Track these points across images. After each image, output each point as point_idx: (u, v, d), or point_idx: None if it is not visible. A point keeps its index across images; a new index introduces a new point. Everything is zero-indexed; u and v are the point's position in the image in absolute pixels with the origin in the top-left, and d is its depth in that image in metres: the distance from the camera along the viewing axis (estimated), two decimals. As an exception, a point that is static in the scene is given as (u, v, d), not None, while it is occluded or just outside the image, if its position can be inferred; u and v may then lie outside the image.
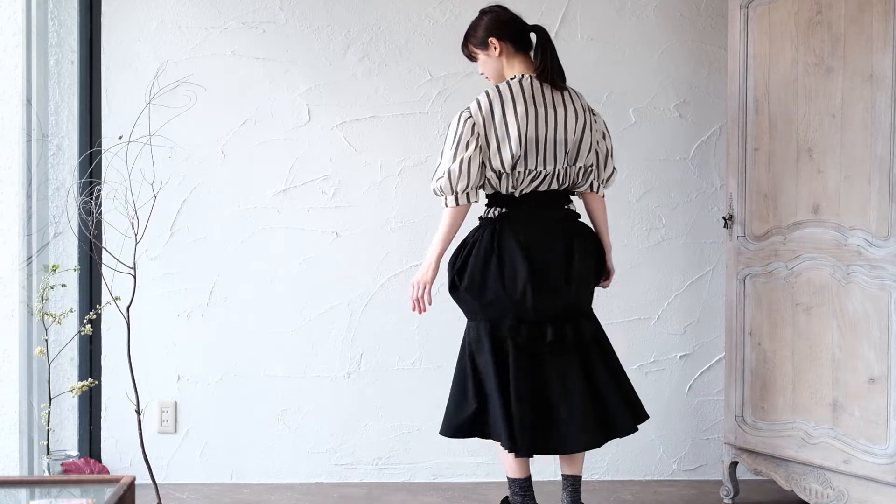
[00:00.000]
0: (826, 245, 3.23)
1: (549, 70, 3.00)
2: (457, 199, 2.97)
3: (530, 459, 3.07)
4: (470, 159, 2.93)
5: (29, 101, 3.54)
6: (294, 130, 3.80)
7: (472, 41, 3.09)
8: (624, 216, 3.85)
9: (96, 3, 3.75)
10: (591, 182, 3.10)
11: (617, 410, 3.02)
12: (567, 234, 3.03)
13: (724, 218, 3.54)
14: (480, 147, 2.95)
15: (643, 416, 3.11)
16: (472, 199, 3.00)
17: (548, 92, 3.00)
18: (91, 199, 3.36)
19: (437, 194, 3.01)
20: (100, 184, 3.48)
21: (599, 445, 3.04)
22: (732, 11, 3.51)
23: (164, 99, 3.60)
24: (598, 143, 3.08)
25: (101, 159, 3.62)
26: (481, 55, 3.08)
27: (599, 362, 3.05)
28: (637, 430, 3.07)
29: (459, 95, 3.79)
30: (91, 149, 3.70)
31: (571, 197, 3.12)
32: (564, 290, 2.99)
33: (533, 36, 3.08)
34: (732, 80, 3.52)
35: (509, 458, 3.02)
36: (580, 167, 3.03)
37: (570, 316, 3.01)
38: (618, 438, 3.08)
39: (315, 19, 3.80)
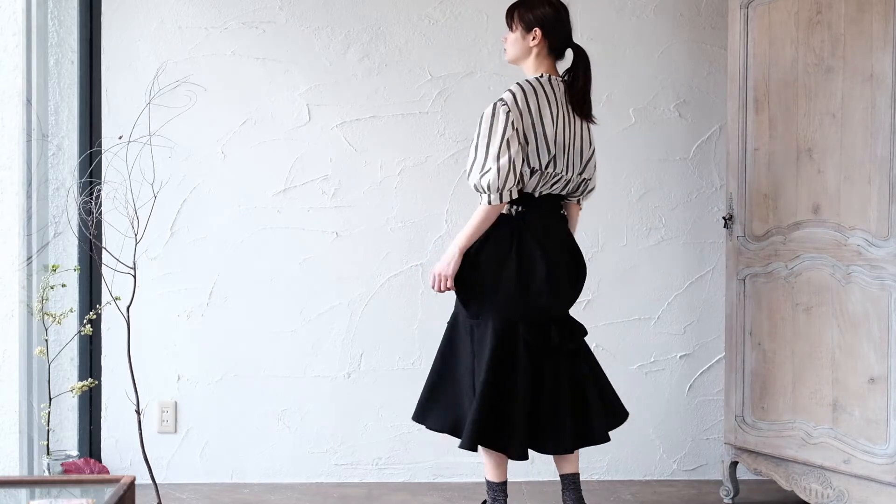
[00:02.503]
0: (826, 245, 3.23)
1: (579, 95, 3.00)
2: (500, 196, 2.88)
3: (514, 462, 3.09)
4: (515, 157, 2.87)
5: (29, 101, 3.54)
6: (294, 130, 3.80)
7: (520, 16, 3.01)
8: (624, 216, 3.85)
9: (96, 3, 3.75)
10: (584, 193, 3.14)
11: (596, 417, 3.04)
12: (570, 240, 3.09)
13: (724, 218, 3.54)
14: (520, 143, 2.89)
15: (622, 418, 3.14)
16: (513, 197, 2.91)
17: (565, 98, 3.00)
18: (91, 199, 3.36)
19: (478, 191, 2.91)
20: (100, 184, 3.48)
21: (576, 449, 3.03)
22: (732, 11, 3.51)
23: (164, 99, 3.60)
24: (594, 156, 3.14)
25: (101, 159, 3.62)
26: (517, 34, 3.02)
27: (585, 364, 3.07)
28: (610, 439, 3.07)
29: (459, 95, 3.79)
30: (91, 149, 3.70)
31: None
32: (570, 292, 3.08)
33: (568, 52, 3.08)
34: (732, 80, 3.52)
35: (492, 461, 3.01)
36: (584, 178, 3.08)
37: (566, 318, 3.08)
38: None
39: (315, 19, 3.80)
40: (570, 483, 3.07)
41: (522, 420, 2.92)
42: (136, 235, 3.31)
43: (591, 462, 3.82)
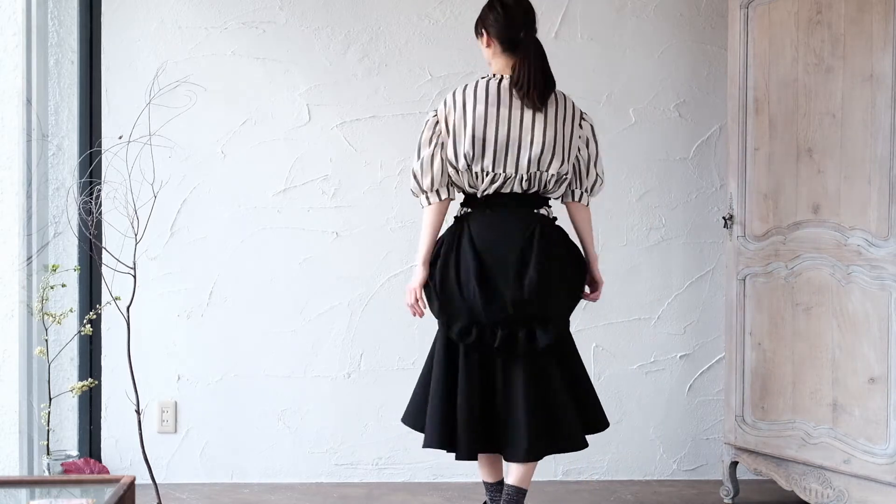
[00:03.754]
0: (826, 245, 3.23)
1: (524, 83, 2.90)
2: (427, 197, 2.94)
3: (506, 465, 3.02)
4: (431, 156, 2.92)
5: (29, 101, 3.54)
6: (294, 130, 3.80)
7: (475, 25, 3.04)
8: (624, 216, 3.85)
9: (96, 3, 3.75)
10: (573, 191, 3.02)
11: (566, 423, 2.91)
12: (527, 239, 2.90)
13: (724, 218, 3.54)
14: (442, 143, 2.92)
15: (601, 426, 3.03)
16: (443, 196, 2.94)
17: (509, 93, 2.92)
18: (91, 199, 3.36)
19: (414, 196, 3.00)
20: (100, 184, 3.48)
21: (540, 457, 2.92)
22: (732, 11, 3.51)
23: (164, 99, 3.60)
24: (579, 149, 2.99)
25: (101, 159, 3.62)
26: (479, 41, 3.04)
27: (555, 371, 2.92)
28: (587, 445, 2.95)
29: (459, 95, 3.79)
30: (91, 149, 3.70)
31: (552, 200, 3.02)
32: (516, 294, 2.87)
33: None
34: (732, 80, 3.52)
35: (481, 462, 3.02)
36: (553, 174, 2.93)
37: (526, 321, 2.89)
38: (567, 452, 3.01)
39: (315, 19, 3.80)
40: (508, 494, 2.94)
41: (466, 421, 2.89)
42: (136, 235, 3.31)
43: (592, 462, 3.82)
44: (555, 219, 3.01)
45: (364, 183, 3.81)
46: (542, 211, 2.97)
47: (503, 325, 2.87)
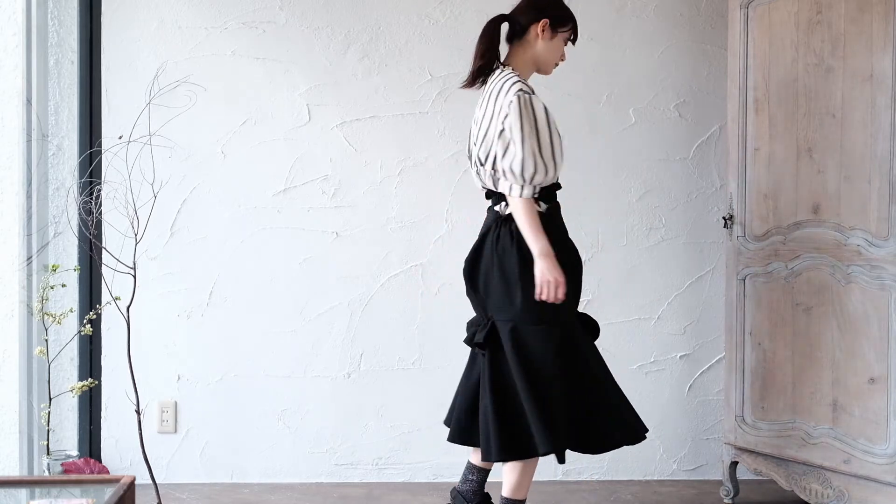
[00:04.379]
0: (826, 245, 3.23)
1: (475, 61, 2.94)
2: None
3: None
4: None
5: (29, 101, 3.54)
6: (294, 130, 3.80)
7: None
8: (624, 216, 3.85)
9: (96, 3, 3.75)
10: (498, 184, 2.86)
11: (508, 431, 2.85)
12: (483, 235, 2.93)
13: (724, 218, 3.54)
14: None
15: (499, 453, 2.83)
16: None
17: (485, 88, 2.95)
18: (91, 199, 3.36)
19: None
20: (100, 184, 3.48)
21: (500, 460, 2.84)
22: (732, 11, 3.51)
23: (164, 99, 3.60)
24: (497, 132, 2.81)
25: (101, 159, 3.62)
26: None
27: (487, 375, 2.87)
28: (506, 459, 2.83)
29: (459, 95, 3.78)
30: (91, 149, 3.70)
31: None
32: (471, 290, 2.96)
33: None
34: (732, 80, 3.52)
35: None
36: (487, 168, 2.87)
37: (498, 322, 2.87)
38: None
39: (315, 19, 3.80)
40: (481, 476, 3.07)
41: (455, 414, 3.06)
42: (136, 235, 3.31)
43: (592, 462, 3.82)
44: (503, 216, 2.87)
45: (364, 183, 3.81)
46: (497, 208, 2.90)
47: (480, 320, 2.98)
